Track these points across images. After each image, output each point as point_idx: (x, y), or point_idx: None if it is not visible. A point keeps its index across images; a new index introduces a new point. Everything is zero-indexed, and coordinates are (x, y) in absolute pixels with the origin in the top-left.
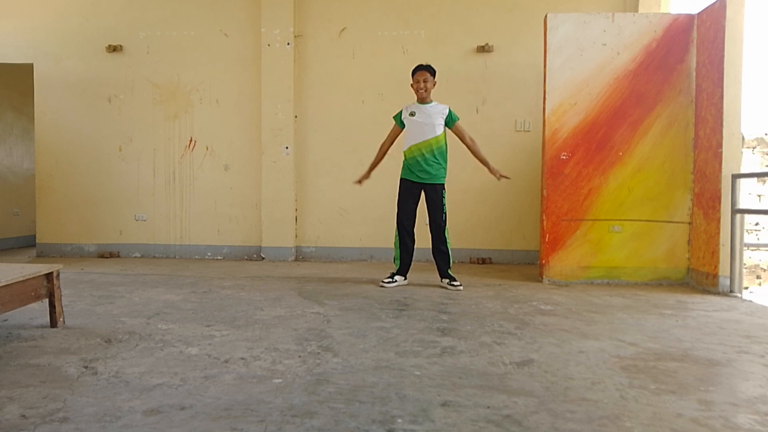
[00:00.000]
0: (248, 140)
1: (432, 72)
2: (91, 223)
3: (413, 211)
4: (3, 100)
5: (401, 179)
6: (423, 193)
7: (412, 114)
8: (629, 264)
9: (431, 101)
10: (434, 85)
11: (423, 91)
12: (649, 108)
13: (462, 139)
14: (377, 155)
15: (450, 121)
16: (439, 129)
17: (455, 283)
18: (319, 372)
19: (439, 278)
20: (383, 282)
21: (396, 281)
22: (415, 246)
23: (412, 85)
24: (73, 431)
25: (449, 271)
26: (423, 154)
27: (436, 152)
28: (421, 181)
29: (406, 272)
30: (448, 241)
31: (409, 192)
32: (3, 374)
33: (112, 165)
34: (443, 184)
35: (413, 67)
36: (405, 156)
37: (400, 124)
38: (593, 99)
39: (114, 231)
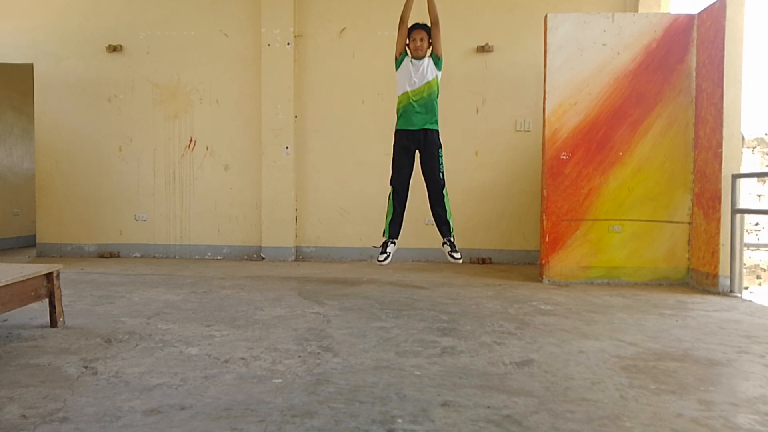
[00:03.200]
0: (248, 140)
1: (428, 30)
2: (91, 223)
3: (408, 175)
4: (3, 100)
5: (396, 131)
6: (418, 154)
7: (412, 62)
8: (629, 264)
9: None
10: (430, 45)
11: (420, 51)
12: (649, 108)
13: (430, 18)
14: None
15: (434, 56)
16: (431, 74)
17: (455, 254)
18: (319, 372)
19: (441, 242)
20: (379, 260)
21: (390, 252)
22: (416, 246)
23: (408, 44)
24: (73, 431)
25: (451, 236)
26: (416, 99)
27: (429, 97)
28: (417, 128)
29: (397, 235)
30: (447, 206)
31: (404, 151)
32: (3, 374)
33: (112, 165)
34: (437, 131)
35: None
36: (399, 102)
37: (404, 53)
38: (593, 99)
39: (114, 231)
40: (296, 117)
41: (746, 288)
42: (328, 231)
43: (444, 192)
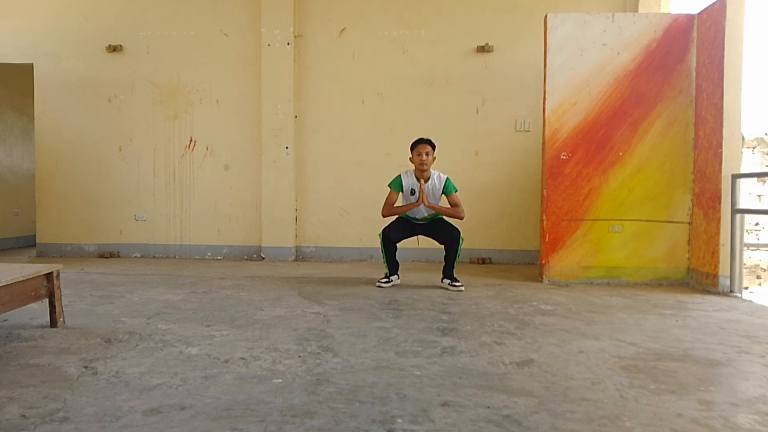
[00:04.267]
0: (248, 140)
1: (433, 146)
2: (91, 223)
3: (403, 236)
4: (3, 100)
5: (398, 217)
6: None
7: (412, 192)
8: (629, 264)
9: (430, 174)
10: (434, 159)
11: (425, 164)
12: (649, 108)
13: (452, 207)
14: (388, 215)
15: (447, 192)
16: (438, 201)
17: (457, 283)
18: (319, 372)
19: (441, 278)
20: (380, 282)
21: (392, 281)
22: (415, 246)
23: (411, 159)
24: (73, 431)
25: (453, 271)
26: (419, 222)
27: (431, 218)
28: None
29: (397, 271)
30: (460, 248)
31: (406, 222)
32: (3, 374)
33: (112, 165)
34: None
35: (413, 141)
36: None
37: (398, 191)
38: (593, 99)
39: (114, 231)
40: (296, 117)
41: (746, 288)
42: (328, 231)
43: (460, 239)
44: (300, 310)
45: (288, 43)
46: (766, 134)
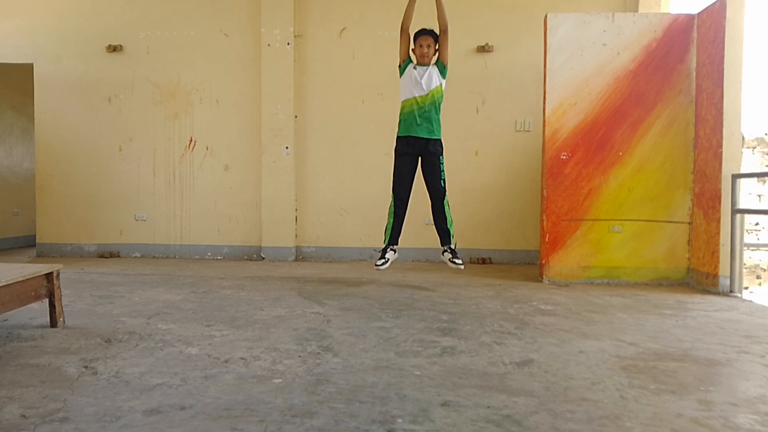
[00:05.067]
0: (248, 140)
1: (435, 37)
2: (91, 223)
3: (410, 182)
4: (3, 100)
5: (397, 138)
6: (420, 161)
7: (415, 68)
8: (629, 264)
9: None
10: (436, 51)
11: (426, 57)
12: (649, 108)
13: (439, 25)
14: (404, 17)
15: (440, 64)
16: (437, 81)
17: (457, 260)
18: (319, 372)
19: (441, 251)
20: (377, 264)
21: (388, 259)
22: (416, 246)
23: (413, 49)
24: (73, 431)
25: (451, 244)
26: (420, 106)
27: (432, 105)
28: (418, 136)
29: (397, 242)
30: (447, 213)
31: (405, 158)
32: (3, 374)
33: (112, 165)
34: (440, 141)
35: (416, 31)
36: (402, 108)
37: (408, 59)
38: (593, 99)
39: (114, 231)
40: (296, 117)
41: (746, 288)
42: (328, 231)
43: (445, 201)
44: (300, 310)
45: (288, 43)
46: (766, 134)
